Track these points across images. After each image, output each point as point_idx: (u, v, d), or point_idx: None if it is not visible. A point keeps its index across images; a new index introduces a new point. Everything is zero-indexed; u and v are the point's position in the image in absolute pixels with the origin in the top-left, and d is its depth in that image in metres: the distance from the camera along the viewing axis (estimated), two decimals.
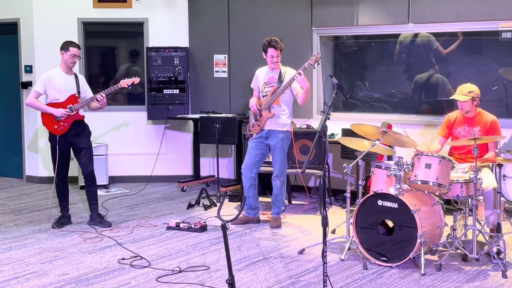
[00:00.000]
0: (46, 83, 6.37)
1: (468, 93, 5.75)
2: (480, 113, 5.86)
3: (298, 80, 6.05)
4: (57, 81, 6.38)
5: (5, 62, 9.22)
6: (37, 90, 6.39)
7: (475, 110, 5.84)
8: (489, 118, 5.82)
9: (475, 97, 5.76)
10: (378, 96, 7.99)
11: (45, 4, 8.65)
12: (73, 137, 6.43)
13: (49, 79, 6.38)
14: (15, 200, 7.92)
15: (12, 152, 9.32)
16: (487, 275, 4.99)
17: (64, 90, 6.38)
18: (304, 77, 6.05)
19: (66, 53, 6.38)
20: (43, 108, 6.39)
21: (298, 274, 5.02)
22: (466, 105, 5.77)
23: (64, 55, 6.39)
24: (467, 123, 5.86)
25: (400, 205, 5.11)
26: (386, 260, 5.17)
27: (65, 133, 6.38)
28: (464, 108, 5.81)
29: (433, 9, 7.10)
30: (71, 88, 6.43)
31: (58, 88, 6.37)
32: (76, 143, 6.46)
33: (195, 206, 7.38)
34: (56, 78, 6.40)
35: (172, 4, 8.81)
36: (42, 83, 6.38)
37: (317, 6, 7.85)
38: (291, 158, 7.09)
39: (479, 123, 5.81)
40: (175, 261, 5.37)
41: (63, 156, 6.45)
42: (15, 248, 5.81)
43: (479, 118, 5.83)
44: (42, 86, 6.37)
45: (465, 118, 5.88)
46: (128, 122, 8.86)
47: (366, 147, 5.53)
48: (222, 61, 8.66)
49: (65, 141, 6.41)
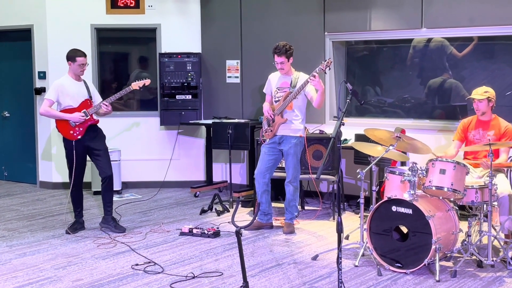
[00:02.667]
0: (59, 91, 6.39)
1: (484, 93, 5.78)
2: (495, 118, 5.87)
3: (313, 83, 6.03)
4: (69, 88, 6.41)
5: (19, 68, 9.28)
6: (49, 98, 6.40)
7: (490, 113, 5.83)
8: (504, 124, 5.84)
9: (491, 97, 5.77)
10: (391, 101, 7.96)
11: (59, 10, 8.70)
12: (89, 141, 6.45)
13: (62, 86, 6.40)
14: (29, 205, 7.95)
15: (25, 157, 9.36)
16: (502, 282, 4.94)
17: (77, 96, 6.42)
18: (318, 79, 6.04)
19: (73, 63, 6.39)
20: (59, 115, 6.40)
21: (312, 280, 5.01)
22: (482, 105, 5.78)
23: (72, 65, 6.41)
24: (482, 127, 5.85)
25: (415, 210, 5.08)
26: (401, 266, 5.14)
27: (81, 138, 6.40)
28: (480, 108, 5.80)
29: (447, 13, 7.07)
30: (83, 94, 6.46)
31: (71, 94, 6.40)
32: (93, 147, 6.48)
33: (208, 212, 7.38)
34: (68, 85, 6.42)
35: (185, 10, 8.83)
36: (54, 91, 6.39)
37: (330, 11, 7.84)
38: (304, 164, 7.07)
39: (494, 128, 5.80)
40: (189, 267, 5.37)
41: (79, 161, 6.45)
42: (29, 253, 5.83)
43: (494, 123, 5.83)
44: (55, 94, 6.39)
45: (480, 122, 5.87)
46: (141, 128, 8.88)
47: (379, 153, 5.51)
48: (234, 66, 8.67)
49: (81, 146, 6.42)
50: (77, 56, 6.39)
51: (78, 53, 6.43)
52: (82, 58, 6.41)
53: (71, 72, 6.46)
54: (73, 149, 6.37)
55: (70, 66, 6.43)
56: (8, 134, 9.57)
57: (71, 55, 6.43)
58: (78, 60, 6.38)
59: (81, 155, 6.47)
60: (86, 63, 6.47)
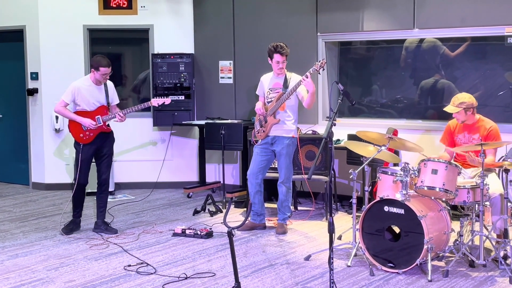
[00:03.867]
0: (75, 94, 6.34)
1: (459, 105, 5.73)
2: (480, 120, 5.84)
3: (305, 83, 6.04)
4: (86, 92, 6.35)
5: (11, 69, 9.25)
6: (65, 100, 6.37)
7: (473, 118, 5.81)
8: (488, 125, 5.79)
9: (467, 107, 5.73)
10: (383, 101, 7.98)
11: (51, 11, 8.67)
12: (99, 145, 6.47)
13: (78, 89, 6.34)
14: (21, 207, 7.93)
15: (18, 158, 9.34)
16: (494, 281, 4.96)
17: (92, 102, 6.38)
18: (310, 80, 6.05)
19: (96, 72, 6.31)
20: (72, 117, 6.38)
21: (304, 281, 5.01)
22: (459, 116, 5.78)
23: (95, 73, 6.33)
24: (467, 130, 5.84)
25: (407, 211, 5.09)
26: (393, 266, 5.15)
27: (91, 142, 6.41)
28: (458, 118, 5.82)
29: (439, 14, 7.09)
30: (100, 100, 6.42)
31: (86, 100, 6.35)
32: (100, 148, 6.49)
33: (201, 213, 7.38)
34: (85, 89, 6.36)
35: (178, 11, 8.82)
36: (71, 94, 6.35)
37: (322, 12, 7.85)
38: (297, 164, 7.08)
39: (479, 130, 5.78)
40: (181, 267, 5.36)
41: (86, 162, 6.45)
42: (22, 255, 5.81)
43: (479, 125, 5.81)
44: (71, 96, 6.35)
45: (465, 125, 5.86)
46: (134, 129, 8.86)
47: (372, 153, 5.53)
48: (227, 67, 8.67)
49: (89, 149, 6.42)
50: (101, 66, 6.26)
51: (102, 63, 6.27)
52: (106, 68, 6.27)
53: (93, 77, 6.39)
54: (80, 152, 6.37)
55: (93, 73, 6.34)
56: (0, 135, 9.54)
57: (95, 64, 6.30)
58: (101, 70, 6.28)
59: (89, 158, 6.47)
60: (110, 72, 6.36)
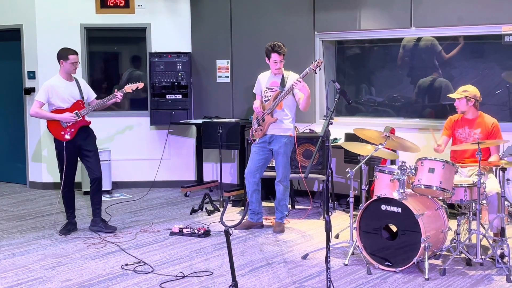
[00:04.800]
0: (49, 92, 6.32)
1: (462, 92, 5.79)
2: (481, 115, 5.89)
3: (298, 87, 6.06)
4: (59, 89, 6.34)
5: (8, 68, 9.24)
6: (40, 100, 6.33)
7: (475, 112, 5.85)
8: (490, 120, 5.84)
9: (470, 97, 5.77)
10: (381, 100, 7.99)
11: (48, 10, 8.66)
12: (80, 142, 6.42)
13: (52, 87, 6.33)
14: (19, 206, 7.92)
15: (15, 158, 9.33)
16: (491, 280, 4.97)
17: (67, 98, 6.36)
18: (304, 84, 6.06)
19: (66, 62, 6.33)
20: (50, 116, 6.34)
21: (301, 279, 5.01)
22: (460, 104, 5.82)
23: (64, 64, 6.35)
24: (468, 125, 5.87)
25: (404, 209, 5.10)
26: (390, 265, 5.15)
27: (72, 139, 6.36)
28: (459, 107, 5.85)
29: (436, 13, 7.09)
30: (75, 95, 6.41)
31: (61, 96, 6.34)
32: (84, 148, 6.44)
33: (198, 211, 7.38)
34: (59, 86, 6.35)
35: (175, 10, 8.82)
36: (44, 93, 6.32)
37: (320, 11, 7.85)
38: (294, 163, 7.08)
39: (480, 125, 5.82)
40: (179, 266, 5.36)
41: (70, 162, 6.42)
42: (19, 254, 5.81)
43: (480, 121, 5.85)
44: (45, 95, 6.32)
45: (465, 120, 5.89)
46: (131, 127, 8.87)
47: (369, 152, 5.53)
48: (224, 66, 8.66)
49: (72, 146, 6.38)
50: (69, 54, 6.33)
51: (69, 51, 6.37)
52: (74, 56, 6.36)
53: (63, 72, 6.39)
54: (64, 150, 6.33)
55: (62, 65, 6.36)
56: None
57: (62, 54, 6.36)
58: (70, 58, 6.32)
59: (72, 156, 6.43)
60: (78, 61, 6.44)
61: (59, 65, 6.40)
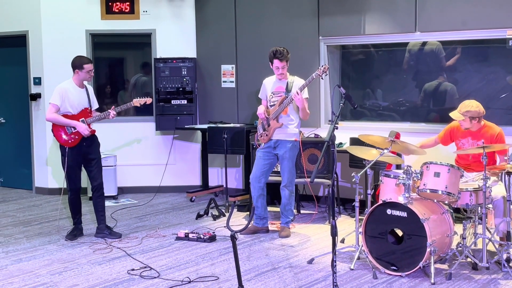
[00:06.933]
0: (63, 96, 6.34)
1: (464, 113, 5.70)
2: (485, 126, 5.81)
3: (295, 99, 6.10)
4: (71, 95, 6.37)
5: (14, 74, 9.28)
6: (55, 103, 6.32)
7: (478, 125, 5.78)
8: (494, 131, 5.77)
9: (473, 117, 5.70)
10: (386, 104, 7.99)
11: (54, 16, 8.70)
12: (85, 149, 6.44)
13: (66, 91, 6.34)
14: (25, 211, 7.94)
15: (21, 163, 9.35)
16: (497, 284, 4.96)
17: (77, 104, 6.39)
18: (300, 97, 6.09)
19: (81, 71, 6.35)
20: (66, 122, 6.34)
21: (307, 284, 5.01)
22: (464, 123, 5.77)
23: (80, 73, 6.36)
24: (471, 136, 5.82)
25: (409, 214, 5.10)
26: (396, 269, 5.15)
27: (76, 145, 6.39)
28: (463, 125, 5.80)
29: (440, 17, 7.10)
30: (84, 103, 6.44)
31: (72, 102, 6.36)
32: (87, 154, 6.46)
33: (204, 216, 7.39)
34: (71, 92, 6.38)
35: (180, 15, 8.84)
36: (59, 96, 6.33)
37: (324, 16, 7.86)
38: (300, 168, 7.08)
39: (484, 136, 5.72)
40: (185, 271, 5.37)
41: (74, 167, 6.44)
42: (25, 259, 5.83)
43: (484, 131, 5.78)
44: (60, 98, 6.32)
45: (469, 130, 5.84)
46: (137, 133, 8.89)
47: (374, 156, 5.54)
48: (229, 71, 8.68)
49: (76, 152, 6.40)
50: (83, 64, 6.35)
51: (84, 60, 6.40)
52: (89, 64, 6.39)
53: (77, 79, 6.41)
54: (67, 156, 6.35)
55: (77, 74, 6.37)
56: (3, 140, 9.56)
57: (78, 63, 6.37)
58: (85, 67, 6.34)
59: (77, 161, 6.45)
60: (93, 69, 6.46)
61: (73, 73, 6.41)
